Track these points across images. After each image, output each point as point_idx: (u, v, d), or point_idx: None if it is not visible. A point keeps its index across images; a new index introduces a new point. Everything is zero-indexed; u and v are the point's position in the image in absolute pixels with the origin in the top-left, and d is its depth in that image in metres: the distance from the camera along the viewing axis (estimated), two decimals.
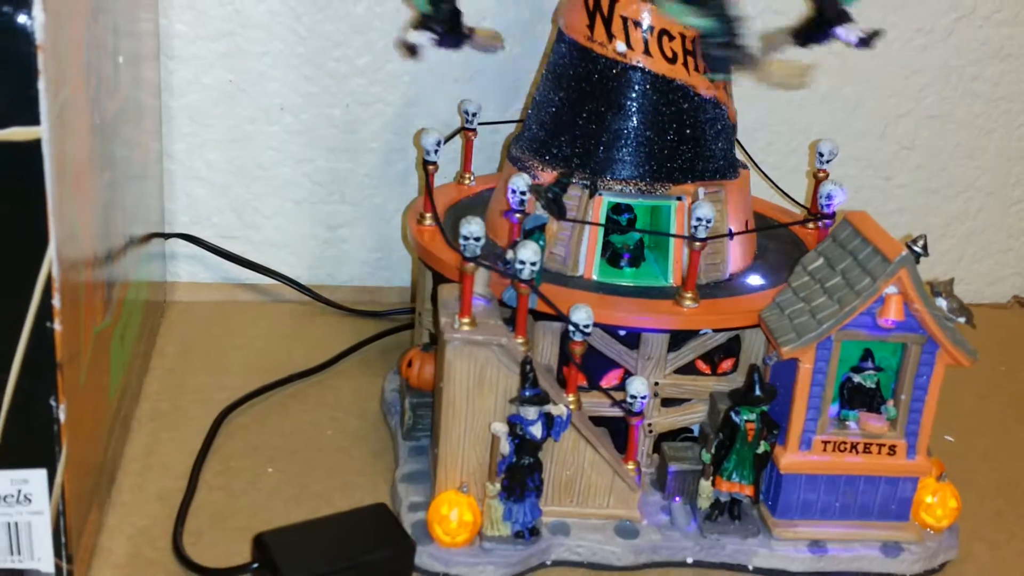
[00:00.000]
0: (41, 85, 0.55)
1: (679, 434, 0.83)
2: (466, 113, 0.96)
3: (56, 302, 0.59)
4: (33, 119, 0.55)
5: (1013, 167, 1.25)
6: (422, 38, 0.82)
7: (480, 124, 0.97)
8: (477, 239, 0.70)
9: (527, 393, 0.70)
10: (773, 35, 0.85)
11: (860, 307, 0.71)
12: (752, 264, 0.87)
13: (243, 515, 0.77)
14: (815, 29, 0.84)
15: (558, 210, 0.75)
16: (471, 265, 0.71)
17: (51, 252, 0.58)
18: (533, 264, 0.70)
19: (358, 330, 1.05)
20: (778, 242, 0.92)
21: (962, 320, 0.72)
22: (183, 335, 1.02)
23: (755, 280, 0.84)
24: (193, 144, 1.07)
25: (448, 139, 0.93)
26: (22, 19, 0.55)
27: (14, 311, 0.58)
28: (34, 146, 0.56)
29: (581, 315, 0.72)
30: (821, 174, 0.93)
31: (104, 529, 0.75)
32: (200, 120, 1.07)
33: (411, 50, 0.82)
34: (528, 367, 0.71)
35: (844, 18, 0.83)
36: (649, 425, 0.81)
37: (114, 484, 0.79)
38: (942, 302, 0.72)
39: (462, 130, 0.97)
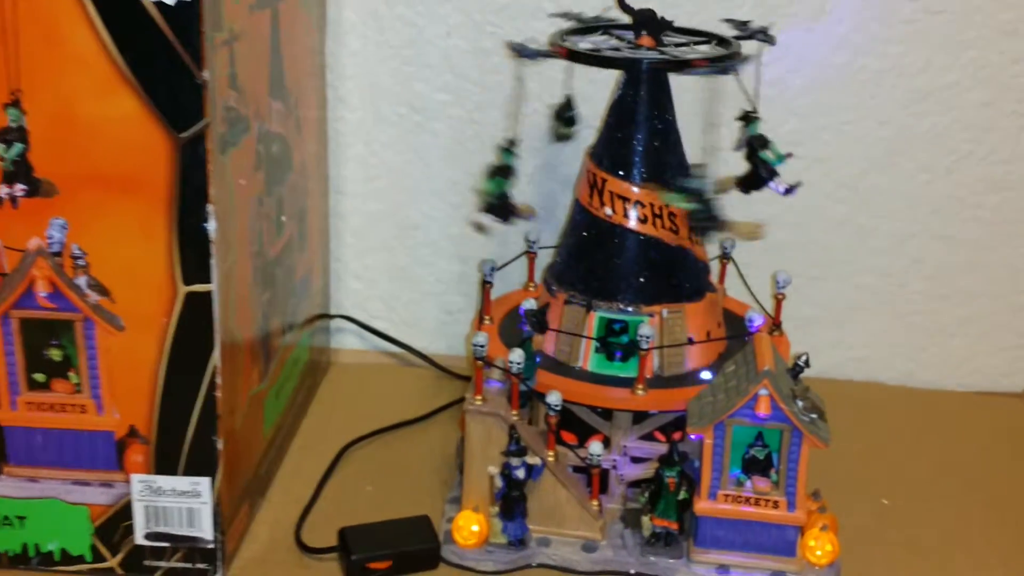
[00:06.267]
0: (213, 261, 0.98)
1: (644, 482, 1.16)
2: (528, 240, 1.33)
3: (218, 379, 1.01)
4: (207, 280, 0.98)
5: (1018, 278, 1.49)
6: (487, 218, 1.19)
7: (539, 248, 1.34)
8: (482, 346, 1.07)
9: (512, 448, 1.07)
10: (724, 180, 1.17)
11: (739, 403, 1.03)
12: (715, 361, 1.19)
13: (346, 517, 1.16)
14: (753, 181, 1.16)
15: (539, 328, 1.11)
16: (480, 363, 1.08)
17: (216, 354, 1.00)
18: (519, 363, 1.07)
19: (458, 390, 1.44)
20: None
21: (815, 416, 1.02)
22: (337, 388, 1.45)
23: (706, 375, 1.16)
24: (354, 252, 1.51)
25: (509, 263, 1.31)
26: (203, 226, 0.97)
27: (195, 385, 1.01)
28: (207, 296, 0.98)
29: (553, 398, 1.07)
30: (780, 296, 1.24)
31: (256, 519, 1.17)
32: (359, 235, 1.50)
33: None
34: (513, 430, 1.07)
35: (773, 175, 1.15)
36: (621, 475, 1.15)
37: (269, 490, 1.22)
38: (799, 403, 1.02)
39: (526, 253, 1.34)
